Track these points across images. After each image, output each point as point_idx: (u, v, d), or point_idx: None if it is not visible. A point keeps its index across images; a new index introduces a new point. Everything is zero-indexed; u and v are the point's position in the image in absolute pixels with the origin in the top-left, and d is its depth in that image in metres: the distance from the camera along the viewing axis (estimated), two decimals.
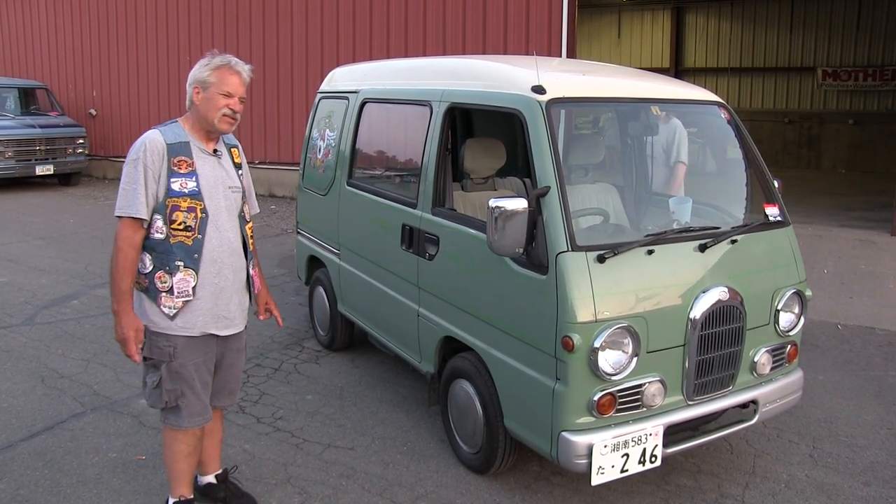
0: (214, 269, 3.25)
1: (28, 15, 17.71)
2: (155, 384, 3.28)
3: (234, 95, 3.25)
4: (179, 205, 3.16)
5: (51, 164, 14.68)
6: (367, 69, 5.82)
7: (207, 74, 3.24)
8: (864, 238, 9.69)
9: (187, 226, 3.18)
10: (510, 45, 11.17)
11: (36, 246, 9.73)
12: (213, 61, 3.27)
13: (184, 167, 3.19)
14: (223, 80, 3.24)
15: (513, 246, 3.37)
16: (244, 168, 3.54)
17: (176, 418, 3.33)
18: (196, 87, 3.26)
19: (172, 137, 3.22)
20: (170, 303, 3.20)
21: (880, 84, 19.69)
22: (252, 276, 3.49)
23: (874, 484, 4.07)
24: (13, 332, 6.32)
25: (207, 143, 3.32)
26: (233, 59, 3.30)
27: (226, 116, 3.25)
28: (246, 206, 3.46)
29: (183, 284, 3.20)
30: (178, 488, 3.50)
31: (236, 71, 3.28)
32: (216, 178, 3.29)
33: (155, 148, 3.16)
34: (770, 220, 4.03)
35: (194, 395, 3.31)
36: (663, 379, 3.48)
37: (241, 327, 3.46)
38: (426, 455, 4.29)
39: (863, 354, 6.00)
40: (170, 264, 3.18)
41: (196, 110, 3.27)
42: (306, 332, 6.33)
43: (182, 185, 3.17)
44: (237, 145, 3.56)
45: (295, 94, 13.31)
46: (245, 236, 3.42)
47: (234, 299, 3.36)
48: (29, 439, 4.42)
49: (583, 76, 4.22)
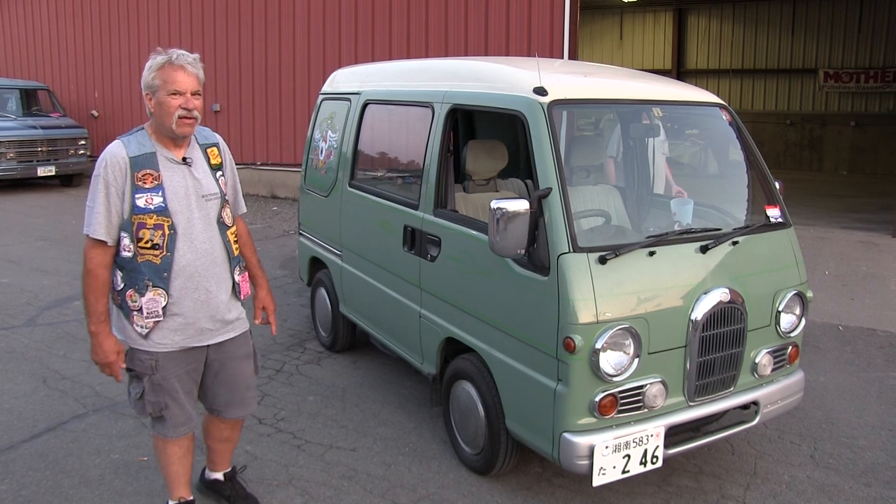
0: (192, 285, 3.12)
1: (30, 16, 17.74)
2: (138, 395, 3.20)
3: (184, 92, 3.02)
4: (146, 222, 3.01)
5: (52, 166, 14.70)
6: (369, 70, 5.83)
7: (152, 77, 3.02)
8: (865, 240, 9.70)
9: (154, 244, 3.03)
10: (512, 47, 11.19)
11: (38, 247, 9.74)
12: (154, 61, 3.03)
13: (149, 181, 3.02)
14: (168, 79, 3.00)
15: (514, 247, 3.37)
16: (227, 167, 3.35)
17: (162, 427, 3.28)
18: (147, 94, 3.05)
19: (136, 149, 3.04)
20: (141, 322, 3.09)
21: (882, 86, 19.71)
22: (238, 282, 3.33)
23: (875, 485, 4.07)
24: (15, 333, 6.32)
25: (176, 150, 3.12)
26: (175, 52, 3.05)
27: (182, 119, 3.02)
28: (225, 210, 3.26)
29: (152, 305, 3.07)
30: (177, 490, 3.47)
31: (179, 66, 3.02)
32: (186, 189, 3.10)
33: (116, 163, 3.00)
34: (771, 221, 4.04)
35: (177, 406, 3.24)
36: (665, 380, 3.48)
37: (232, 334, 3.33)
38: (428, 456, 4.30)
39: (864, 356, 6.00)
40: (138, 283, 3.05)
41: (154, 118, 3.08)
42: (308, 334, 6.33)
43: (147, 201, 3.00)
44: (217, 143, 3.33)
45: (297, 95, 13.32)
46: (227, 243, 3.26)
47: (219, 310, 3.23)
48: (31, 440, 4.42)
49: (584, 78, 4.22)
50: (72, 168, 15.09)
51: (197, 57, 3.12)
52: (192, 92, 3.05)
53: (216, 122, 14.24)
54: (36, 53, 17.88)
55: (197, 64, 3.10)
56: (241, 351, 3.41)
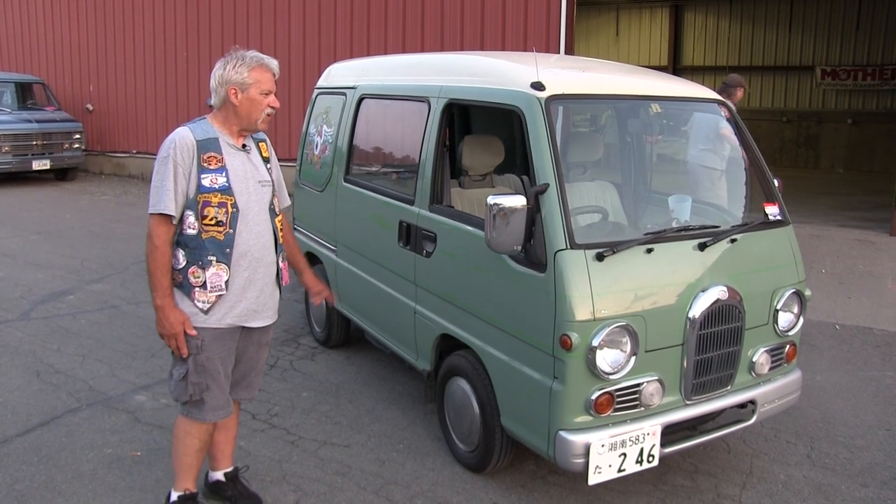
0: (245, 263, 3.27)
1: (25, 9, 17.64)
2: (181, 376, 3.28)
3: (272, 93, 3.29)
4: (210, 200, 3.18)
5: (47, 159, 14.64)
6: (364, 65, 5.79)
7: (245, 76, 3.23)
8: (862, 238, 9.70)
9: (219, 221, 3.19)
10: (508, 43, 11.15)
11: (32, 241, 9.69)
12: (246, 60, 3.25)
13: (213, 163, 3.21)
14: (262, 79, 3.26)
15: (511, 243, 3.35)
16: (273, 161, 3.55)
17: (199, 411, 3.34)
18: (233, 89, 3.23)
19: (201, 134, 3.23)
20: (203, 297, 3.22)
21: (879, 83, 19.68)
22: (281, 269, 3.48)
23: (872, 485, 4.06)
24: (9, 326, 6.29)
25: (237, 139, 3.33)
26: (262, 55, 3.30)
27: (268, 116, 3.31)
28: (276, 199, 3.46)
29: (216, 279, 3.21)
30: (184, 481, 3.49)
31: (270, 68, 3.30)
32: (246, 173, 3.30)
33: (185, 145, 3.17)
34: (770, 219, 4.02)
35: (219, 389, 3.34)
36: (661, 378, 3.46)
37: (271, 320, 3.48)
38: (422, 453, 4.28)
39: (860, 355, 5.99)
40: (202, 259, 3.20)
41: (235, 111, 3.26)
42: (302, 329, 6.31)
43: (212, 181, 3.19)
44: (265, 139, 3.57)
45: (292, 89, 13.26)
46: (275, 230, 3.41)
47: (264, 292, 3.37)
48: (24, 434, 4.40)
49: (582, 73, 4.20)
50: (67, 162, 15.04)
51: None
52: (275, 93, 3.34)
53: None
54: (31, 47, 17.78)
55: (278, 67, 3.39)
56: (267, 338, 3.57)
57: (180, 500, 3.51)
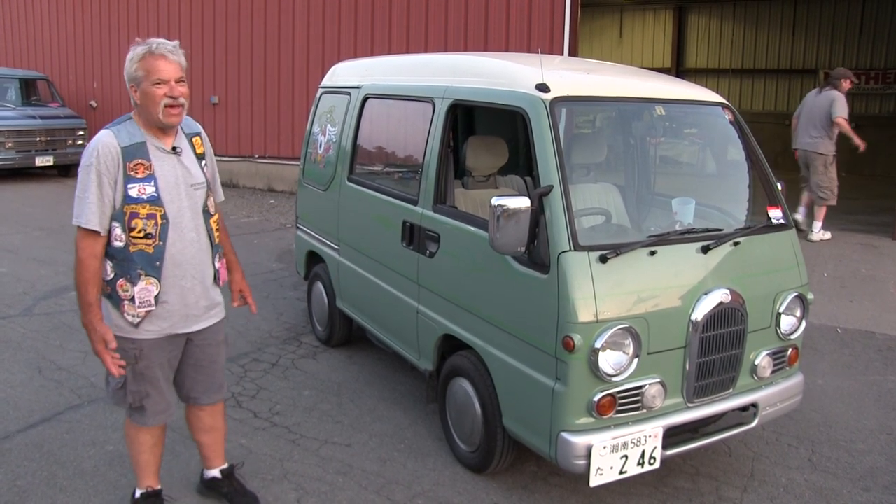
0: (179, 273, 3.15)
1: (30, 5, 17.66)
2: (119, 385, 3.21)
3: (168, 81, 3.02)
4: (138, 212, 3.02)
5: (51, 156, 14.65)
6: (369, 64, 5.80)
7: (135, 69, 3.02)
8: (865, 242, 9.69)
9: (147, 233, 3.04)
10: (512, 44, 11.15)
11: (35, 237, 9.71)
12: (135, 53, 3.02)
13: (141, 171, 3.03)
14: (150, 68, 3.00)
15: (514, 245, 3.35)
16: (208, 156, 3.38)
17: (141, 416, 3.30)
18: (132, 86, 3.05)
19: (127, 139, 3.04)
20: (132, 311, 3.10)
21: (882, 87, 19.66)
22: (218, 269, 3.36)
23: (874, 490, 4.06)
24: (11, 322, 6.30)
25: (165, 140, 3.14)
26: (154, 42, 3.03)
27: (168, 107, 3.03)
28: (210, 199, 3.31)
29: (144, 294, 3.08)
30: (145, 479, 3.47)
31: (160, 55, 3.02)
32: (177, 178, 3.13)
33: (108, 152, 2.99)
34: (773, 222, 4.01)
35: (159, 395, 3.27)
36: (664, 381, 3.47)
37: (215, 319, 3.38)
38: (424, 453, 4.28)
39: (862, 359, 5.99)
40: (130, 272, 3.07)
41: (141, 109, 3.08)
42: (304, 328, 6.31)
43: (140, 191, 3.02)
44: (199, 133, 3.37)
45: (296, 88, 13.27)
46: (210, 231, 3.29)
47: (202, 296, 3.27)
48: (26, 430, 4.40)
49: (587, 75, 4.20)
50: (70, 158, 15.01)
51: (177, 44, 3.12)
52: (176, 79, 3.05)
53: (215, 115, 14.20)
54: (35, 43, 17.80)
55: (177, 51, 3.10)
56: (219, 336, 3.46)
57: (143, 497, 3.49)
